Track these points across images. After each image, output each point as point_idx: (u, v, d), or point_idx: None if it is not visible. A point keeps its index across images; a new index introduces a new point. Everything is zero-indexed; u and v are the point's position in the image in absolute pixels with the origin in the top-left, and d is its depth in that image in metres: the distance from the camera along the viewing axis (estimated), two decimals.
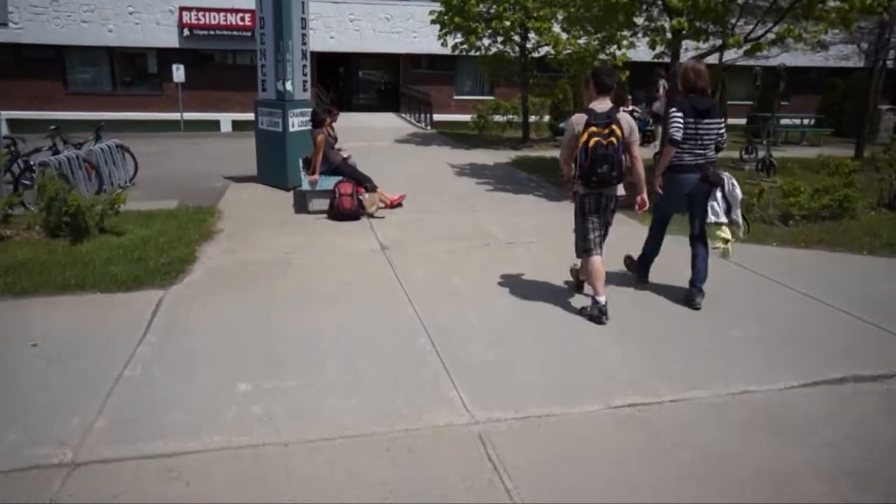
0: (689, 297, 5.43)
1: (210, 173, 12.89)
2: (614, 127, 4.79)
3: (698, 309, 5.32)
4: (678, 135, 5.15)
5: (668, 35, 9.96)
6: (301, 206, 9.27)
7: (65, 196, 7.12)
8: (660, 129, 17.51)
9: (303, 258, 6.83)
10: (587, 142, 4.78)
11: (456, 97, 26.60)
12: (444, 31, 16.17)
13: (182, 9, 22.94)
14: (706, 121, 5.17)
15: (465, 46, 16.05)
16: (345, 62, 26.50)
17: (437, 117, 22.82)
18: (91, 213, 7.29)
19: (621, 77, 15.57)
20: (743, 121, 20.68)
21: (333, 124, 9.71)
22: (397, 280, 6.13)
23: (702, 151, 5.25)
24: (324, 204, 8.79)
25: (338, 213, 8.43)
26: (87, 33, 22.63)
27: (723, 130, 5.29)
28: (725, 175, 5.32)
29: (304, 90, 10.87)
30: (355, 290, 5.87)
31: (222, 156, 15.70)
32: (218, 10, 23.18)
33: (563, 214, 7.95)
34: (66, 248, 6.87)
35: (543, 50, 16.00)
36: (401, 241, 7.53)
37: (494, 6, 15.27)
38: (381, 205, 8.98)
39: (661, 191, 5.44)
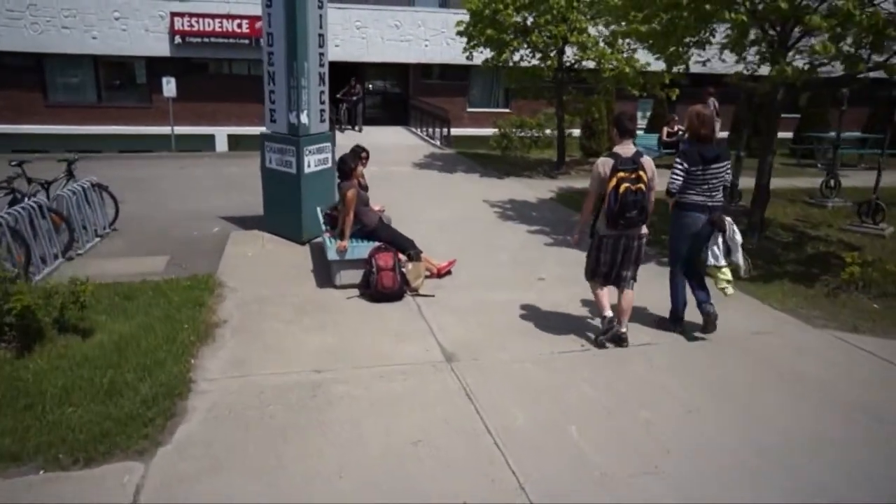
0: (703, 317, 5.72)
1: (205, 212, 11.00)
2: (641, 173, 5.06)
3: (713, 316, 5.65)
4: (674, 187, 5.43)
5: (795, 62, 7.92)
6: (325, 275, 7.31)
7: (6, 288, 5.12)
8: None
9: (342, 383, 4.86)
10: (617, 187, 5.00)
11: (469, 109, 24.72)
12: (471, 43, 14.22)
13: (174, 14, 20.93)
14: (714, 166, 5.39)
15: (496, 62, 14.08)
16: (351, 72, 24.50)
17: (449, 131, 20.91)
18: (47, 309, 5.30)
19: (671, 94, 13.76)
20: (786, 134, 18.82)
21: (364, 170, 7.75)
22: (488, 433, 4.19)
23: (710, 195, 5.46)
24: (354, 276, 6.84)
25: (376, 293, 6.47)
26: (68, 40, 20.57)
27: (729, 169, 5.58)
28: (728, 220, 5.51)
29: (322, 120, 8.93)
30: (431, 461, 3.91)
31: (219, 184, 13.72)
32: (213, 17, 21.18)
33: (660, 285, 6.04)
34: (6, 366, 4.88)
35: (578, 63, 14.06)
36: (469, 344, 5.59)
37: (532, 16, 13.33)
38: (427, 273, 7.04)
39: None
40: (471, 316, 6.25)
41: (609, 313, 5.48)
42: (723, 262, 5.52)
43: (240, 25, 21.41)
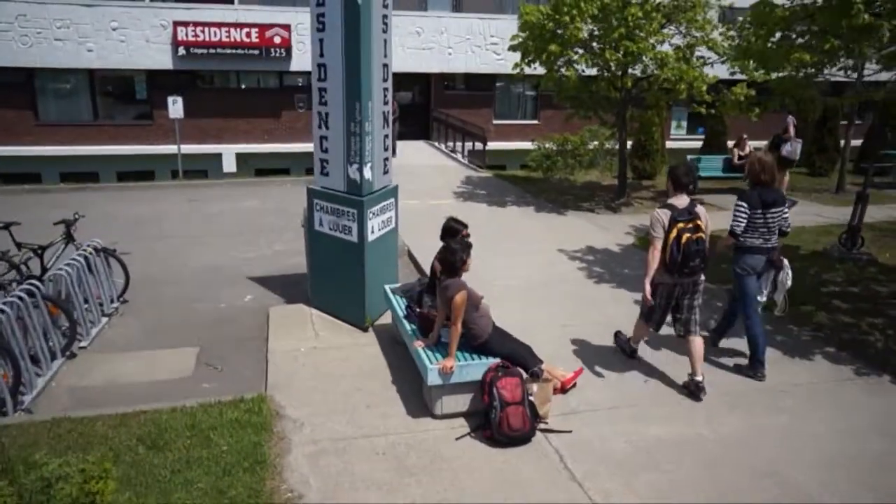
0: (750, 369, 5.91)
1: (229, 269, 9.30)
2: (698, 222, 5.28)
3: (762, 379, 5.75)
4: (738, 229, 5.64)
5: None
6: (411, 390, 5.53)
7: None
8: (786, 178, 13.94)
9: None
10: (679, 238, 5.21)
11: (496, 122, 22.97)
12: (526, 60, 12.42)
13: (176, 24, 19.07)
14: (773, 210, 5.62)
15: (552, 84, 12.28)
16: None
17: (476, 145, 19.14)
18: None
19: (751, 114, 12.07)
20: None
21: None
22: None
23: (767, 238, 5.70)
24: (460, 401, 5.06)
25: (501, 436, 4.70)
26: (61, 53, 18.70)
27: (787, 215, 5.74)
28: (785, 262, 5.82)
29: (386, 171, 7.14)
30: None
31: (238, 225, 11.96)
32: (219, 25, 19.34)
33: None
34: None
35: (650, 79, 12.27)
36: None
37: (600, 29, 11.52)
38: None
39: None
40: (636, 471, 4.48)
41: (635, 345, 6.13)
42: (763, 298, 5.86)
43: (249, 34, 19.60)
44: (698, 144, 23.46)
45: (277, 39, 19.77)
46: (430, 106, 22.88)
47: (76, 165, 20.11)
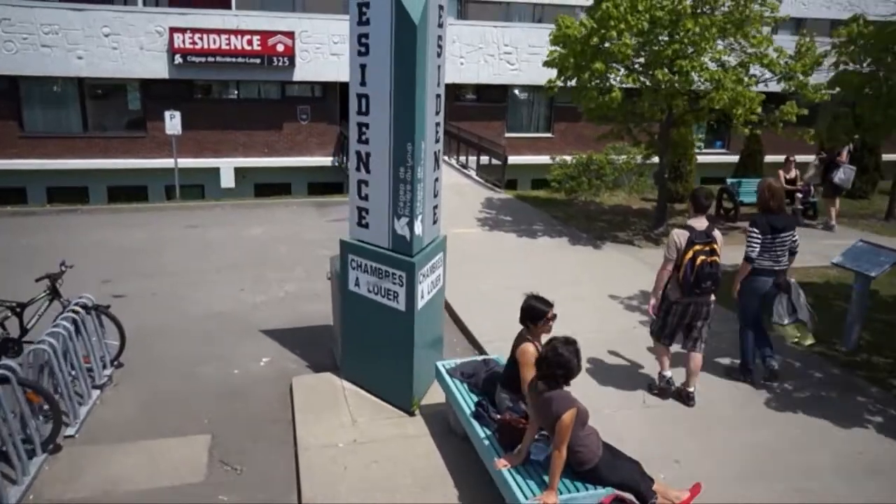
0: (767, 370, 6.25)
1: (239, 318, 8.26)
2: (714, 245, 5.47)
3: (777, 371, 6.19)
4: (753, 254, 5.93)
5: None
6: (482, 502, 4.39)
7: None
8: (835, 208, 12.90)
9: None
10: (693, 259, 5.37)
11: (508, 135, 21.87)
12: (561, 77, 11.29)
13: (173, 30, 17.85)
14: (782, 235, 5.95)
15: (593, 105, 11.14)
16: None
17: (486, 159, 18.10)
18: None
19: (806, 136, 11.07)
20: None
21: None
22: None
23: (777, 260, 5.99)
24: None
25: None
26: (48, 61, 17.44)
27: (796, 238, 6.07)
28: (793, 282, 6.01)
29: (435, 220, 5.99)
30: None
31: (244, 257, 10.83)
32: (218, 32, 18.13)
33: None
34: None
35: (703, 99, 11.17)
36: None
37: (651, 46, 10.41)
38: None
39: (736, 296, 6.18)
40: None
41: (668, 373, 6.00)
42: (787, 321, 5.92)
43: (250, 42, 18.42)
44: (719, 159, 22.53)
45: (280, 48, 18.60)
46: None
47: (64, 180, 18.86)
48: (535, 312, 4.49)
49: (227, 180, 19.67)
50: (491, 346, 7.12)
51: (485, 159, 18.29)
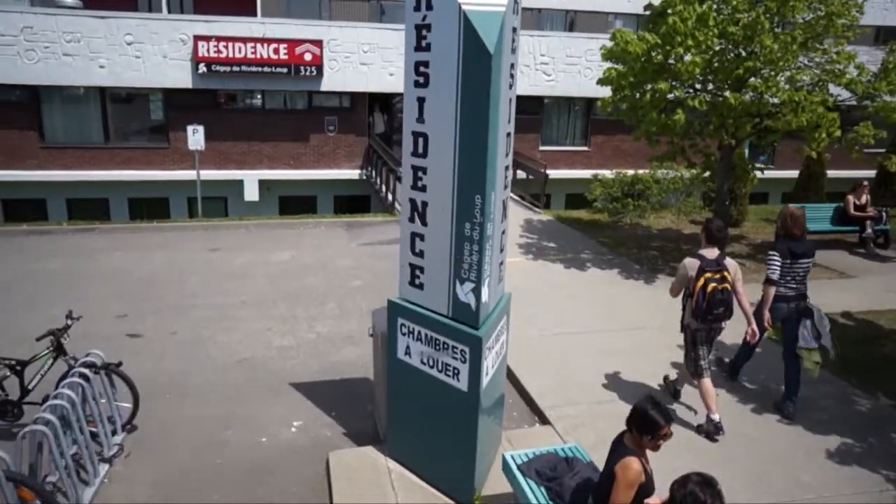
0: (781, 405, 6.27)
1: (266, 369, 7.36)
2: (725, 273, 5.59)
3: (790, 418, 6.12)
4: (775, 276, 6.02)
5: None
6: None
7: None
8: None
9: None
10: (705, 287, 5.54)
11: (542, 148, 20.91)
12: (619, 95, 10.33)
13: (197, 38, 17.15)
14: (801, 261, 6.07)
15: (654, 128, 10.15)
16: (383, 103, 20.67)
17: (520, 173, 17.23)
18: None
19: (889, 164, 10.00)
20: None
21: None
22: None
23: (795, 286, 6.09)
24: None
25: None
26: (70, 70, 16.83)
27: (813, 265, 6.40)
28: (815, 307, 6.01)
29: (500, 278, 5.07)
30: None
31: (271, 286, 9.86)
32: (244, 41, 17.40)
33: None
34: None
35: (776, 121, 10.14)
36: None
37: (721, 64, 9.41)
38: None
39: (769, 326, 6.21)
40: None
41: (717, 416, 5.81)
42: (814, 345, 5.92)
43: (276, 51, 17.65)
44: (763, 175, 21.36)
45: (308, 57, 17.82)
46: None
47: (84, 191, 18.25)
48: (650, 425, 3.55)
49: (252, 193, 18.94)
50: (554, 414, 6.22)
51: (527, 175, 17.46)
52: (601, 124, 21.09)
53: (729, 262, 5.70)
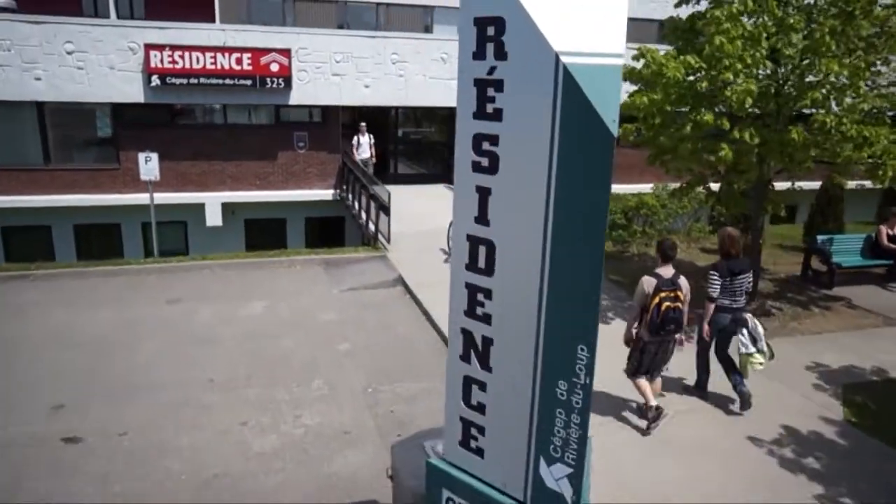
0: (741, 398, 6.93)
1: (244, 489, 5.61)
2: (678, 293, 6.16)
3: (749, 396, 6.86)
4: (715, 294, 6.72)
5: None
6: None
7: None
8: None
9: None
10: (659, 304, 6.06)
11: None
12: (652, 125, 8.89)
13: (149, 47, 15.28)
14: (739, 278, 6.79)
15: (693, 167, 8.78)
16: (382, 117, 19.07)
17: None
18: None
19: None
20: None
21: None
22: None
23: (736, 300, 6.83)
24: None
25: None
26: (1, 83, 14.77)
27: (751, 280, 7.08)
28: (749, 316, 6.81)
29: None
30: None
31: (244, 364, 8.11)
32: (203, 50, 15.58)
33: None
34: None
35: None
36: None
37: (775, 93, 8.03)
38: None
39: (707, 338, 6.95)
40: None
41: (654, 402, 6.51)
42: (752, 350, 6.67)
43: (239, 61, 15.90)
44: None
45: (275, 67, 16.09)
46: (451, 145, 19.22)
47: (23, 218, 16.24)
48: None
49: (214, 217, 17.10)
50: None
51: None
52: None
53: (682, 281, 6.29)
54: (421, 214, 14.83)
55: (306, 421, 7.02)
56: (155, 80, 15.50)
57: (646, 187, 19.70)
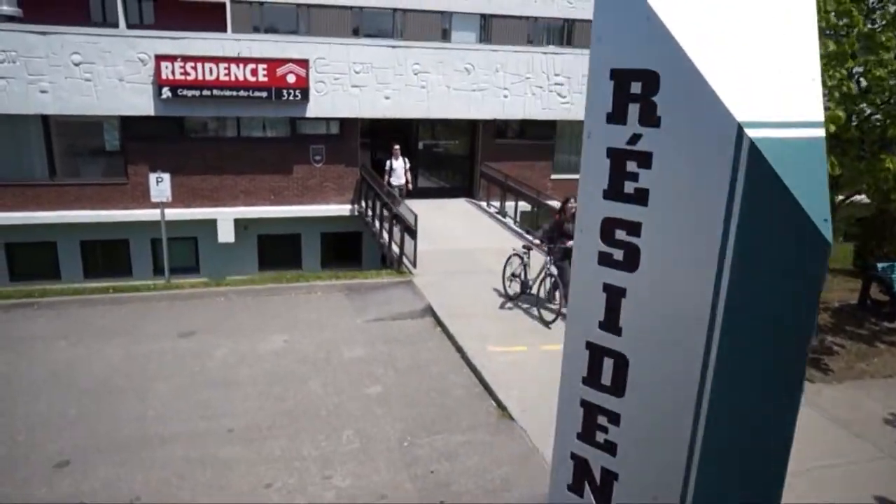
0: None
1: None
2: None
3: None
4: None
5: None
6: None
7: None
8: None
9: None
10: None
11: (554, 177, 18.81)
12: None
13: (159, 58, 14.63)
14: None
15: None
16: (405, 129, 18.38)
17: (524, 205, 16.07)
18: None
19: None
20: None
21: None
22: None
23: None
24: None
25: None
26: (5, 95, 14.19)
27: None
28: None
29: None
30: None
31: (265, 409, 7.38)
32: (216, 61, 14.92)
33: None
34: None
35: None
36: None
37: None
38: None
39: None
40: None
41: None
42: None
43: (255, 72, 15.22)
44: None
45: (291, 78, 15.41)
46: (473, 158, 18.60)
47: (28, 235, 15.59)
48: None
49: (226, 234, 16.43)
50: None
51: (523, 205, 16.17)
52: None
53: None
54: (445, 232, 14.14)
55: (337, 482, 6.32)
56: (166, 92, 14.83)
57: None
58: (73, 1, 19.93)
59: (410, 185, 15.75)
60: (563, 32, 27.09)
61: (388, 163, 15.42)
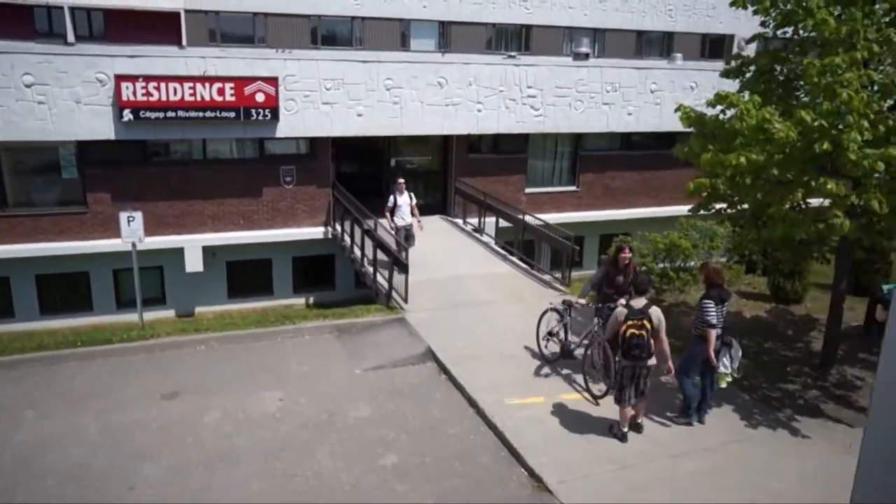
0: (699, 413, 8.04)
1: None
2: (645, 321, 7.09)
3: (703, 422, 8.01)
4: (713, 320, 7.58)
5: None
6: None
7: None
8: None
9: None
10: (625, 332, 7.10)
11: (528, 190, 18.47)
12: (739, 186, 7.81)
13: (119, 78, 13.64)
14: (725, 305, 7.81)
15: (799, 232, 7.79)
16: (376, 146, 17.72)
17: (503, 222, 15.88)
18: None
19: None
20: None
21: None
22: None
23: (720, 323, 7.71)
24: None
25: None
26: None
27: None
28: (734, 340, 7.82)
29: None
30: None
31: (273, 489, 6.76)
32: (180, 80, 14.02)
33: None
34: None
35: None
36: None
37: None
38: None
39: (713, 363, 7.72)
40: None
41: (626, 429, 7.60)
42: (730, 369, 7.78)
43: (221, 91, 14.37)
44: None
45: (260, 97, 14.60)
46: (447, 174, 18.09)
47: None
48: None
49: (194, 262, 15.51)
50: None
51: (505, 224, 15.89)
52: (589, 161, 18.99)
53: (653, 310, 7.19)
54: (428, 256, 13.56)
55: None
56: (127, 115, 13.85)
57: (638, 212, 19.05)
58: (16, 11, 18.53)
59: (422, 226, 14.01)
60: (521, 38, 26.82)
61: (391, 199, 13.55)
